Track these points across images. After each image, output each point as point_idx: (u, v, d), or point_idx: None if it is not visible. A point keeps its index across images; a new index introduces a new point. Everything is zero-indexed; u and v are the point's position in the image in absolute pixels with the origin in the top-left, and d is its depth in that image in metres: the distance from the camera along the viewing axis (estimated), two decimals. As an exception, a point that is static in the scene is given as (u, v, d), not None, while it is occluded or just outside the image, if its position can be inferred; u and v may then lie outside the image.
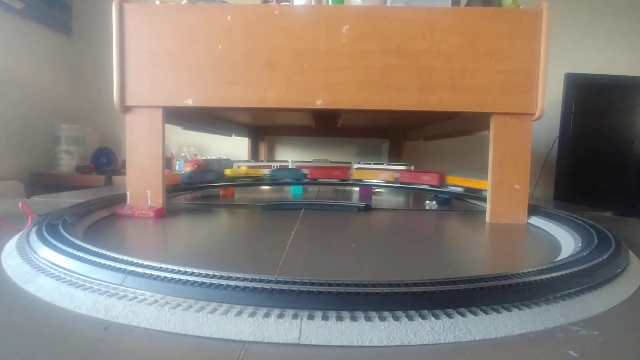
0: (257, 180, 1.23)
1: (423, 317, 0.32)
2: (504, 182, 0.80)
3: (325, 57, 0.78)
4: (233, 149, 1.89)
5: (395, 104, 0.79)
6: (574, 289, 0.38)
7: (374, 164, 1.33)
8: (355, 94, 0.79)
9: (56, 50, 1.83)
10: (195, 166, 1.21)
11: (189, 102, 0.79)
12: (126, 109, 0.80)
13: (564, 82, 1.63)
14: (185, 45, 0.79)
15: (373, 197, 1.19)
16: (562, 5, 1.72)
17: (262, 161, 1.54)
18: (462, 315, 0.32)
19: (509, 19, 0.78)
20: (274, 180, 1.22)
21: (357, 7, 0.82)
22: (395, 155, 1.84)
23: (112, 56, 0.78)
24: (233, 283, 0.35)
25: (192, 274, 0.37)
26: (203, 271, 0.37)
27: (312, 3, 0.88)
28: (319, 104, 0.79)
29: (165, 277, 0.36)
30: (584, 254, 0.47)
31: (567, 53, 1.73)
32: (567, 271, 0.40)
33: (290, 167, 1.36)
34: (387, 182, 1.20)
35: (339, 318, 0.32)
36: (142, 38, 0.79)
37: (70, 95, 1.89)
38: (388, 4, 0.85)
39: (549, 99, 0.81)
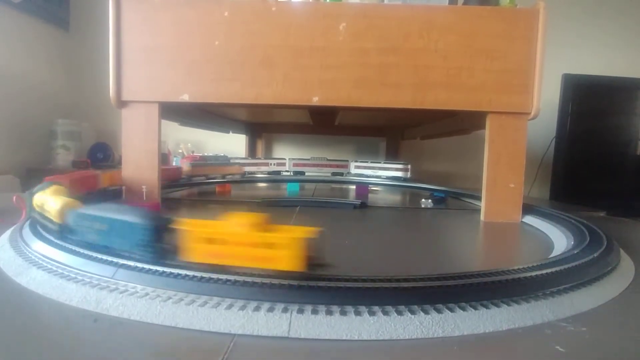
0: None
1: (412, 312, 0.32)
2: (499, 181, 0.81)
3: (322, 55, 0.78)
4: (230, 146, 1.89)
5: (391, 101, 0.79)
6: (564, 286, 0.38)
7: (371, 162, 1.33)
8: (351, 92, 0.79)
9: (53, 45, 1.82)
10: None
11: (185, 97, 0.79)
12: (122, 104, 0.80)
13: (561, 82, 1.64)
14: (182, 41, 0.79)
15: (370, 195, 1.20)
16: (560, 6, 1.72)
17: (259, 158, 1.55)
18: (451, 310, 0.33)
19: (506, 18, 0.78)
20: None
21: (355, 5, 0.81)
22: (392, 154, 1.84)
23: (109, 51, 0.78)
24: (224, 277, 0.35)
25: (183, 267, 0.37)
26: (194, 265, 0.37)
27: (310, 0, 0.87)
28: (316, 101, 0.79)
29: (157, 271, 0.36)
30: (575, 252, 0.48)
31: (565, 54, 1.73)
32: (557, 268, 0.40)
33: (287, 164, 1.37)
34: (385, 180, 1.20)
35: (329, 312, 0.32)
36: (138, 33, 0.79)
37: (67, 91, 1.89)
38: (385, 2, 0.85)
39: (546, 100, 0.81)
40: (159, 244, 0.37)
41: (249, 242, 0.34)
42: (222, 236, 0.34)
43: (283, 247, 0.33)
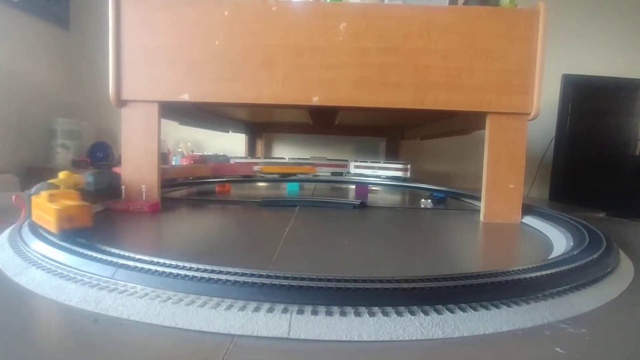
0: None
1: (412, 313, 0.32)
2: (498, 182, 0.81)
3: (322, 54, 0.78)
4: (230, 145, 1.89)
5: (391, 102, 0.79)
6: (563, 287, 0.38)
7: (371, 162, 1.33)
8: (351, 92, 0.79)
9: (53, 44, 1.82)
10: (192, 162, 1.21)
11: (185, 97, 0.79)
12: (122, 103, 0.80)
13: (561, 83, 1.64)
14: (182, 41, 0.79)
15: (369, 195, 1.20)
16: (560, 6, 1.72)
17: (258, 157, 1.55)
18: (451, 311, 0.33)
19: (506, 19, 0.78)
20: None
21: (355, 5, 0.81)
22: (392, 154, 1.84)
23: (109, 50, 0.78)
24: (224, 277, 0.35)
25: (183, 267, 0.37)
26: (194, 265, 0.37)
27: (310, 0, 0.87)
28: (315, 101, 0.79)
29: (156, 271, 0.36)
30: (574, 253, 0.48)
31: (565, 54, 1.73)
32: (556, 270, 0.40)
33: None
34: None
35: (329, 313, 0.32)
36: (138, 33, 0.79)
37: (67, 89, 1.88)
38: (385, 2, 0.85)
39: (545, 100, 0.81)
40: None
41: (44, 209, 0.47)
42: (40, 205, 0.49)
43: (50, 214, 0.46)
